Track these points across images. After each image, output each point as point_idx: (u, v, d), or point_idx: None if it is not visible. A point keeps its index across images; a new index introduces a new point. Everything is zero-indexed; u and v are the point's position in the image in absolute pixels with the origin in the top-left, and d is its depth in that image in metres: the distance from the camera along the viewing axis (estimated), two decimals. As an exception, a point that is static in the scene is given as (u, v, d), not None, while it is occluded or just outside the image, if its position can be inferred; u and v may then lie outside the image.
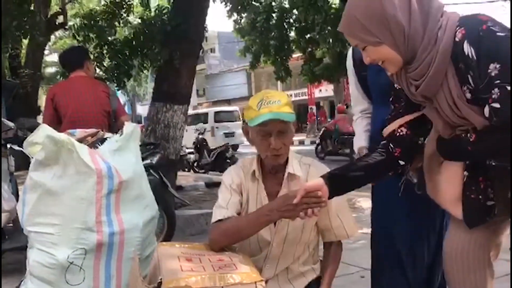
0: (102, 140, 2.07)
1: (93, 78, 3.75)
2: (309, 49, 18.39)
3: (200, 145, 11.49)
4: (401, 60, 1.40)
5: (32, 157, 1.93)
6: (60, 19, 11.77)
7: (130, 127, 2.07)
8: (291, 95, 35.02)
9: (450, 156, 1.46)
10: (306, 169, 1.91)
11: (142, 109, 38.20)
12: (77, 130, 2.19)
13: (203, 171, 11.38)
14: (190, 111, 12.52)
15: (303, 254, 1.90)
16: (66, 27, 11.40)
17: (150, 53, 6.13)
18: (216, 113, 19.65)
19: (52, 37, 16.54)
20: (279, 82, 22.69)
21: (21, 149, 3.43)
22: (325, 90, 28.62)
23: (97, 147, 1.99)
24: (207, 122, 17.87)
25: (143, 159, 3.55)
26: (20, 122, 9.14)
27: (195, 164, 11.61)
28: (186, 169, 11.81)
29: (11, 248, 3.19)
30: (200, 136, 11.68)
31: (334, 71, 19.28)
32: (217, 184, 8.40)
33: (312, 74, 20.43)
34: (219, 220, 1.79)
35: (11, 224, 3.32)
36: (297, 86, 31.08)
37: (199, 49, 6.49)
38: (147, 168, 3.59)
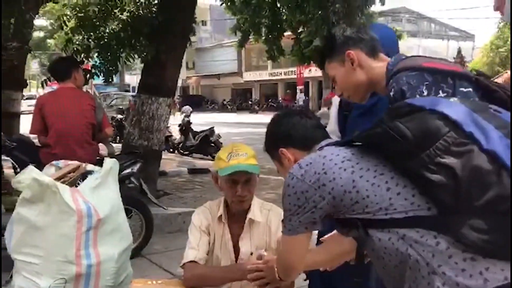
0: (84, 176, 2.27)
1: (82, 86, 3.92)
2: (300, 30, 18.45)
3: (186, 128, 11.67)
4: None
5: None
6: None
7: (109, 163, 2.27)
8: (280, 73, 35.11)
9: None
10: (266, 214, 2.16)
11: (131, 79, 37.98)
12: (60, 162, 2.37)
13: (187, 153, 11.61)
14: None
15: None
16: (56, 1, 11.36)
17: (137, 45, 6.25)
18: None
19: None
20: (269, 61, 22.80)
21: (8, 158, 3.63)
22: (315, 70, 28.75)
23: (78, 184, 2.20)
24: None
25: (125, 168, 3.81)
26: (6, 95, 9.23)
27: (180, 146, 11.82)
28: (171, 150, 12.03)
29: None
30: (186, 119, 11.84)
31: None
32: (200, 171, 8.66)
33: (302, 55, 20.55)
34: (193, 261, 2.03)
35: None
36: (287, 65, 31.14)
37: (186, 42, 6.62)
38: (128, 176, 3.83)
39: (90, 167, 2.38)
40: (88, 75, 5.98)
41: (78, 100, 3.67)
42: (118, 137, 12.58)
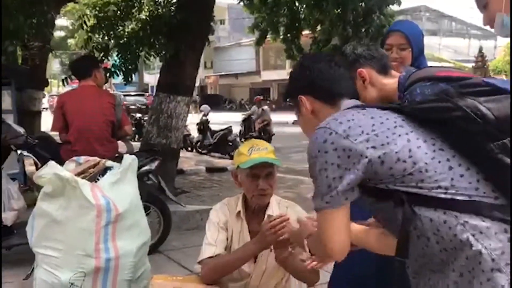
0: (103, 171, 2.30)
1: (102, 85, 3.98)
2: (318, 28, 18.34)
3: (204, 126, 11.73)
4: None
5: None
6: (71, -8, 11.90)
7: (128, 159, 2.31)
8: (298, 73, 35.00)
9: None
10: (284, 211, 2.16)
11: (149, 78, 38.27)
12: (81, 158, 2.42)
13: (205, 151, 11.68)
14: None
15: (277, 286, 2.17)
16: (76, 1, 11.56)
17: (156, 44, 6.31)
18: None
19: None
20: (288, 60, 22.73)
21: (30, 155, 3.70)
22: (333, 69, 28.54)
23: (98, 179, 2.23)
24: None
25: (143, 165, 3.85)
26: (28, 94, 9.38)
27: (198, 145, 11.89)
28: (189, 148, 12.12)
29: (19, 244, 3.48)
30: (204, 118, 11.90)
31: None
32: (217, 170, 8.68)
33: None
34: (210, 257, 2.04)
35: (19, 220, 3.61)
36: (305, 64, 30.97)
37: (204, 41, 6.66)
38: (146, 173, 3.87)
39: (109, 163, 2.42)
40: (107, 74, 6.06)
41: (98, 98, 3.73)
42: (136, 136, 12.72)
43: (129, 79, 6.23)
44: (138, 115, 14.12)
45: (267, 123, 12.08)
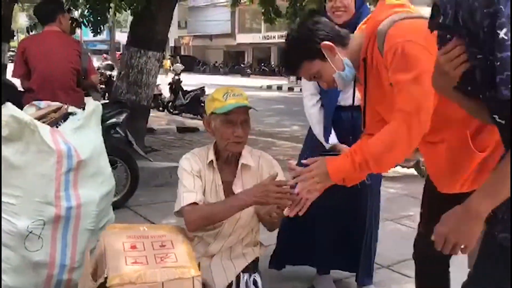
0: (65, 117, 2.18)
1: (67, 32, 3.76)
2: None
3: (176, 86, 11.48)
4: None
5: None
6: None
7: (92, 105, 2.19)
8: (274, 37, 34.57)
9: None
10: (257, 160, 2.11)
11: (121, 36, 37.15)
12: (42, 102, 2.29)
13: (177, 112, 11.47)
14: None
15: (246, 236, 2.12)
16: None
17: (127, -5, 6.04)
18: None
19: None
20: (262, 23, 22.31)
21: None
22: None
23: (59, 125, 2.11)
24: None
25: (110, 117, 3.71)
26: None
27: (170, 105, 11.67)
28: (161, 109, 11.89)
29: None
30: (176, 77, 11.64)
31: (318, 17, 19.13)
32: (189, 130, 8.52)
33: (296, 19, 20.19)
34: (193, 203, 1.94)
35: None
36: (281, 28, 30.59)
37: (177, -3, 6.42)
38: (113, 126, 3.74)
39: (72, 109, 2.30)
40: (74, 24, 5.79)
41: (63, 45, 3.52)
42: (107, 94, 12.38)
43: (98, 31, 5.97)
44: (108, 72, 13.70)
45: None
